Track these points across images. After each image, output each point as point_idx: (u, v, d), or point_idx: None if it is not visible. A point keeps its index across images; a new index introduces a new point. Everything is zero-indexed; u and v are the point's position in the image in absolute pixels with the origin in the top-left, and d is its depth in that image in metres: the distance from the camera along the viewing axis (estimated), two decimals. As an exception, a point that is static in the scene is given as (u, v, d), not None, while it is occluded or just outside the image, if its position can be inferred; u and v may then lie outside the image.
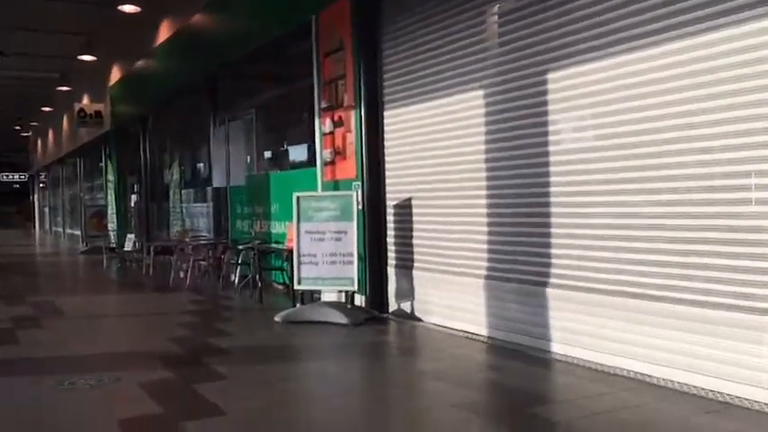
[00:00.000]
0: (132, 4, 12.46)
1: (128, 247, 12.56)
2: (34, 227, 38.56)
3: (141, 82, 15.38)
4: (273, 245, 9.12)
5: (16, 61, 21.69)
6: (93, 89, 19.94)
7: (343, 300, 6.96)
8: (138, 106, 15.74)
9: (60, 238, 27.44)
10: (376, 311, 6.94)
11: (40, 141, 34.58)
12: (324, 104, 7.76)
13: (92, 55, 17.35)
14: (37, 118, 31.78)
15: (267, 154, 10.41)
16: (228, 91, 11.51)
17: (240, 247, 9.18)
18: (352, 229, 6.77)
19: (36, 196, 39.87)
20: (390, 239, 7.10)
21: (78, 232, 24.05)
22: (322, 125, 7.80)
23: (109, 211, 17.91)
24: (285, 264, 8.56)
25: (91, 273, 12.81)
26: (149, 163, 15.81)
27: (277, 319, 6.76)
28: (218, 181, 11.01)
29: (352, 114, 7.27)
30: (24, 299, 9.08)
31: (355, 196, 6.84)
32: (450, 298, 6.25)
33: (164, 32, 13.46)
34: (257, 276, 8.28)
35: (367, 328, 6.41)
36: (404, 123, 6.88)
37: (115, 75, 17.66)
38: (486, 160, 5.82)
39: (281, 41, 9.01)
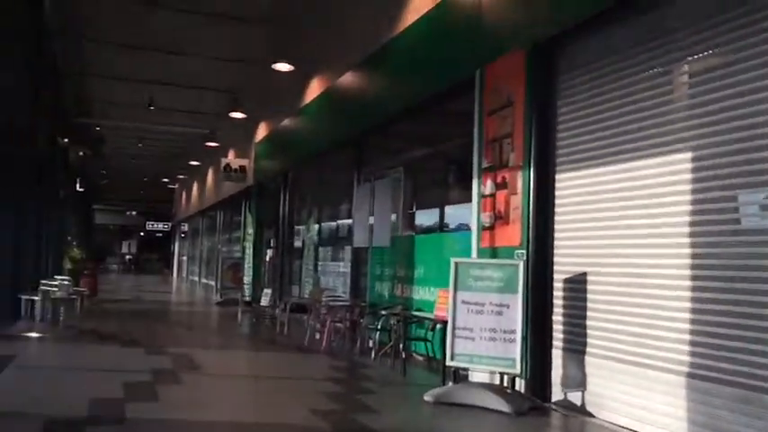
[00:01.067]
0: (287, 62, 12.63)
1: (264, 302, 12.42)
2: (172, 274, 40.40)
3: (286, 139, 15.63)
4: (416, 312, 8.52)
5: (169, 116, 23.07)
6: (239, 145, 20.67)
7: (498, 382, 6.17)
8: (281, 162, 15.95)
9: (196, 286, 28.35)
10: (538, 400, 6.08)
11: (184, 193, 36.53)
12: (485, 164, 7.18)
13: (241, 112, 17.94)
14: (184, 171, 33.67)
15: (415, 215, 9.94)
16: (376, 148, 11.27)
17: (383, 312, 8.64)
18: (517, 302, 6.03)
19: (176, 245, 41.94)
20: (558, 318, 6.27)
21: (213, 282, 24.72)
22: (482, 186, 7.20)
23: (245, 265, 18.11)
24: (430, 334, 7.91)
25: (226, 326, 12.74)
26: (287, 218, 15.86)
27: (427, 398, 6.06)
28: (358, 240, 10.63)
29: (519, 175, 6.63)
30: (163, 349, 8.96)
31: (522, 266, 6.11)
32: (634, 394, 5.31)
33: (313, 91, 13.60)
34: (401, 346, 7.66)
35: (532, 420, 5.58)
36: (580, 188, 6.15)
37: (261, 132, 18.17)
38: (690, 234, 4.95)
39: (436, 98, 8.61)
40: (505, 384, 6.11)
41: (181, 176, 35.16)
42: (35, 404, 5.46)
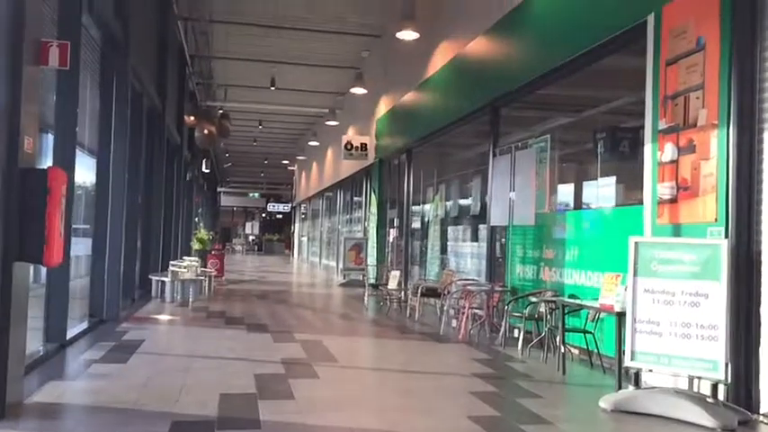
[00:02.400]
0: (412, 29, 11.76)
1: (392, 284, 11.72)
2: (292, 255, 41.00)
3: (410, 113, 14.83)
4: (569, 298, 7.48)
5: (290, 96, 22.93)
6: (360, 122, 20.13)
7: (687, 387, 5.07)
8: (404, 138, 15.18)
9: (316, 267, 28.37)
10: (746, 411, 4.93)
11: (303, 174, 36.77)
12: (663, 125, 6.00)
13: (362, 87, 17.32)
14: (303, 152, 33.81)
15: (565, 188, 8.85)
16: (515, 116, 10.22)
17: (532, 298, 7.65)
18: (719, 292, 4.89)
19: (296, 226, 42.52)
20: (766, 310, 5.07)
21: (333, 263, 24.54)
22: (657, 152, 6.04)
23: (369, 245, 17.57)
24: (590, 325, 6.86)
25: (353, 309, 12.17)
26: (412, 197, 15.09)
27: (604, 405, 5.07)
28: (496, 218, 9.67)
29: (713, 137, 5.42)
30: (292, 335, 8.45)
31: (726, 246, 4.95)
32: None
33: (440, 59, 12.69)
34: (557, 338, 6.67)
35: (745, 439, 4.47)
36: (799, 149, 4.89)
37: (383, 107, 17.48)
38: None
39: (590, 55, 7.45)
40: (699, 390, 5.00)
41: (300, 157, 35.36)
42: (162, 400, 4.97)
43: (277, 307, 11.96)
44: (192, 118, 13.92)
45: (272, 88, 20.45)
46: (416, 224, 14.94)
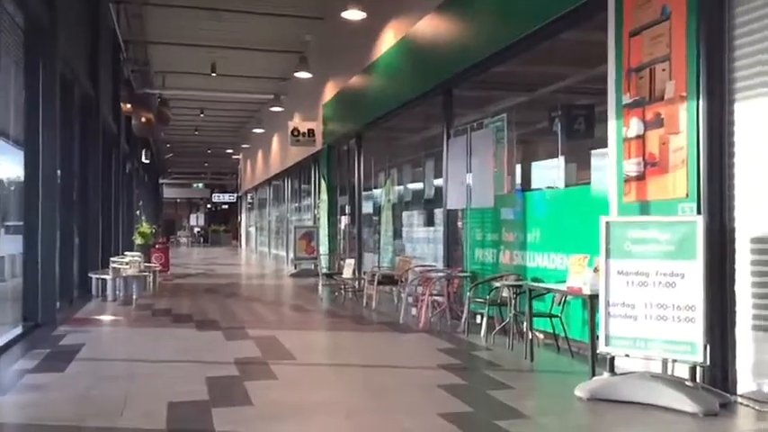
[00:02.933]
0: (358, 8, 11.33)
1: (347, 273, 11.34)
2: (240, 245, 40.16)
3: (358, 96, 14.42)
4: (532, 282, 7.26)
5: (232, 83, 22.17)
6: (306, 108, 19.60)
7: (661, 371, 4.87)
8: (353, 122, 14.76)
9: (266, 258, 27.75)
10: (726, 394, 4.76)
11: (249, 163, 35.95)
12: (627, 99, 5.77)
13: (307, 72, 16.78)
14: (248, 140, 32.99)
15: (524, 168, 8.63)
16: (470, 96, 9.93)
17: (497, 283, 7.39)
18: (696, 271, 4.69)
19: (243, 216, 41.64)
20: (742, 289, 4.90)
21: (283, 253, 24.00)
22: (622, 127, 5.82)
23: (321, 233, 17.13)
24: (557, 309, 6.64)
25: (307, 301, 11.75)
26: (363, 182, 14.71)
27: (579, 393, 4.83)
28: (453, 201, 9.39)
29: (681, 110, 5.21)
30: (244, 331, 8.00)
31: (701, 222, 4.74)
32: None
33: (389, 39, 12.30)
34: (525, 324, 6.42)
35: (727, 422, 4.29)
36: (771, 120, 4.72)
37: (329, 91, 17.01)
38: None
39: (546, 30, 7.19)
40: (674, 374, 4.82)
41: (245, 146, 34.54)
42: (104, 413, 4.49)
43: (227, 301, 11.46)
44: (129, 106, 13.17)
45: (213, 74, 19.71)
46: (368, 210, 14.59)
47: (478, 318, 7.99)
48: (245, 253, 33.97)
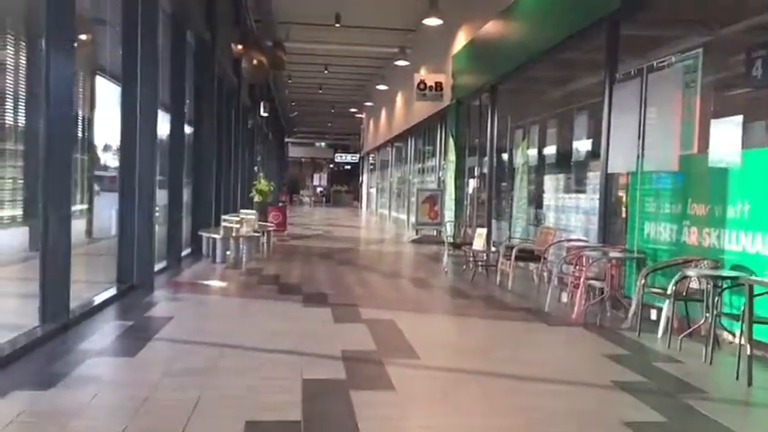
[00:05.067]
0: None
1: (477, 244, 9.80)
2: (361, 207, 39.48)
3: (494, 44, 12.64)
4: (731, 271, 5.42)
5: (357, 35, 20.86)
6: (433, 60, 18.00)
7: None
8: (487, 73, 13.02)
9: (386, 221, 26.68)
10: None
11: (372, 122, 34.89)
12: None
13: (437, 17, 15.11)
14: (371, 98, 31.84)
15: (728, 123, 6.66)
16: (645, 30, 7.99)
17: (691, 272, 5.59)
18: None
19: (365, 177, 40.87)
20: None
21: (403, 216, 22.76)
22: None
23: (446, 197, 15.60)
24: (779, 312, 4.79)
25: (430, 273, 10.33)
26: (495, 142, 12.98)
27: None
28: (616, 163, 7.55)
29: None
30: (357, 310, 6.69)
31: None
32: None
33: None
34: (739, 332, 4.64)
35: None
36: None
37: (460, 40, 15.29)
38: None
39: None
40: None
41: (368, 104, 33.43)
42: None
43: (341, 269, 10.26)
44: (240, 47, 12.12)
45: (337, 25, 18.50)
46: (502, 173, 12.87)
47: (653, 313, 6.23)
48: (366, 215, 33.14)
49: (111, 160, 8.87)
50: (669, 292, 5.74)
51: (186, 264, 10.28)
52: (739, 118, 5.89)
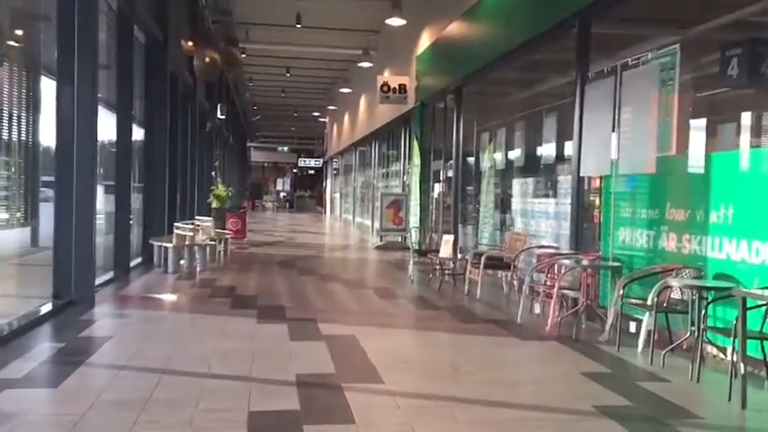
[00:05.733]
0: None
1: (444, 252, 9.35)
2: (325, 212, 38.87)
3: (459, 44, 12.27)
4: (714, 281, 5.08)
5: (318, 36, 20.33)
6: (397, 62, 17.59)
7: None
8: (451, 75, 12.64)
9: (350, 226, 26.15)
10: None
11: (335, 126, 34.38)
12: None
13: (400, 18, 14.69)
14: (335, 102, 31.33)
15: (704, 122, 6.34)
16: (618, 26, 7.67)
17: (674, 282, 5.20)
18: None
19: (328, 182, 40.29)
20: None
21: (368, 222, 22.28)
22: None
23: (411, 202, 15.16)
24: (772, 326, 4.43)
25: (395, 283, 9.85)
26: (461, 145, 12.59)
27: None
28: (588, 166, 7.19)
29: None
30: (316, 325, 6.18)
31: None
32: None
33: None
34: (731, 350, 4.27)
35: None
36: None
37: (425, 40, 14.90)
38: None
39: None
40: None
41: (331, 107, 32.91)
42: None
43: (302, 279, 9.73)
44: (191, 43, 11.51)
45: (298, 26, 17.98)
46: (468, 177, 12.49)
47: (631, 325, 5.85)
48: (330, 220, 32.55)
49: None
50: (650, 303, 5.37)
51: (135, 274, 9.64)
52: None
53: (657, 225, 6.11)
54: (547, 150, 9.32)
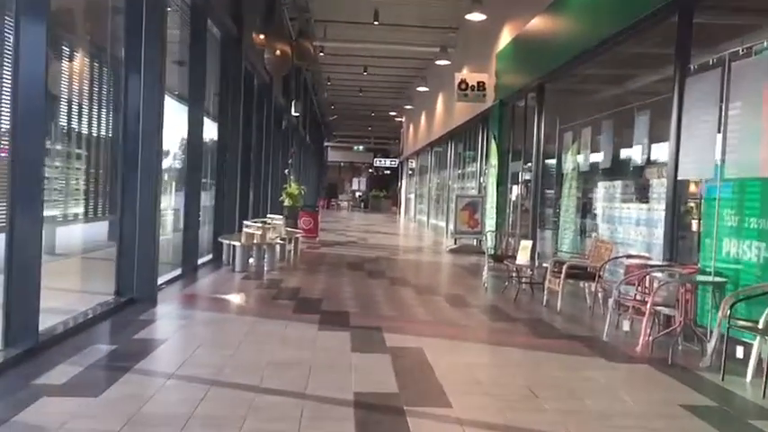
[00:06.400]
0: None
1: (521, 258, 8.74)
2: (399, 213, 38.53)
3: (541, 39, 11.59)
4: None
5: (396, 33, 19.95)
6: (476, 59, 16.97)
7: None
8: (533, 72, 11.95)
9: (423, 228, 25.66)
10: None
11: (411, 126, 33.98)
12: None
13: (480, 13, 14.13)
14: (411, 101, 30.93)
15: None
16: (722, 14, 6.90)
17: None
18: None
19: (403, 182, 39.93)
20: None
21: (442, 224, 21.75)
22: None
23: (487, 205, 14.55)
24: None
25: (468, 290, 9.30)
26: (542, 145, 11.89)
27: None
28: (689, 168, 6.45)
29: None
30: (381, 335, 5.74)
31: None
32: None
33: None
34: None
35: None
36: None
37: (505, 36, 14.24)
38: None
39: None
40: None
41: (408, 107, 32.50)
42: None
43: (370, 282, 9.33)
44: (262, 36, 11.29)
45: (376, 23, 17.65)
46: (549, 179, 11.79)
47: (738, 350, 5.12)
48: (404, 221, 32.16)
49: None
50: (762, 326, 4.66)
51: (203, 273, 9.49)
52: None
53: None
54: (637, 151, 8.56)
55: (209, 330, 5.91)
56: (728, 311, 4.93)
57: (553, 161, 11.59)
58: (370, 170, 53.89)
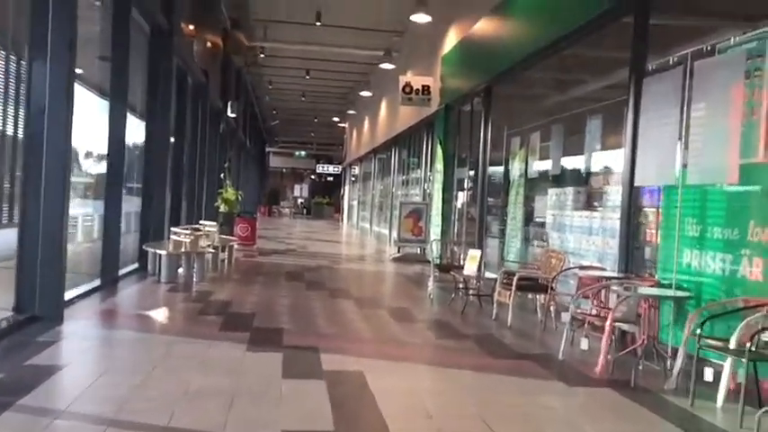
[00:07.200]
0: None
1: (469, 269, 8.25)
2: (341, 220, 37.88)
3: (488, 41, 11.23)
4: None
5: (339, 35, 19.38)
6: (421, 62, 16.56)
7: None
8: (480, 75, 11.59)
9: (367, 235, 25.10)
10: None
11: (355, 132, 33.44)
12: None
13: (425, 14, 13.69)
14: (354, 106, 30.41)
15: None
16: (674, 23, 6.59)
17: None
18: None
19: (346, 189, 39.34)
20: None
21: (385, 231, 21.24)
22: None
23: (432, 212, 14.09)
24: None
25: (413, 302, 8.76)
26: (489, 151, 11.49)
27: None
28: (647, 174, 6.07)
29: None
30: (317, 356, 5.13)
31: None
32: None
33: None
34: None
35: None
36: None
37: (451, 39, 13.86)
38: None
39: None
40: None
41: (351, 112, 31.96)
42: None
43: (309, 294, 8.69)
44: (192, 27, 10.56)
45: (318, 24, 17.03)
46: (496, 186, 11.39)
47: (707, 371, 4.71)
48: (346, 228, 31.53)
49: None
50: (733, 345, 4.26)
51: (125, 284, 8.66)
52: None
53: (737, 247, 4.99)
54: (589, 157, 8.21)
55: (118, 353, 5.17)
56: (699, 331, 4.51)
57: (500, 167, 11.21)
58: (313, 177, 53.13)
